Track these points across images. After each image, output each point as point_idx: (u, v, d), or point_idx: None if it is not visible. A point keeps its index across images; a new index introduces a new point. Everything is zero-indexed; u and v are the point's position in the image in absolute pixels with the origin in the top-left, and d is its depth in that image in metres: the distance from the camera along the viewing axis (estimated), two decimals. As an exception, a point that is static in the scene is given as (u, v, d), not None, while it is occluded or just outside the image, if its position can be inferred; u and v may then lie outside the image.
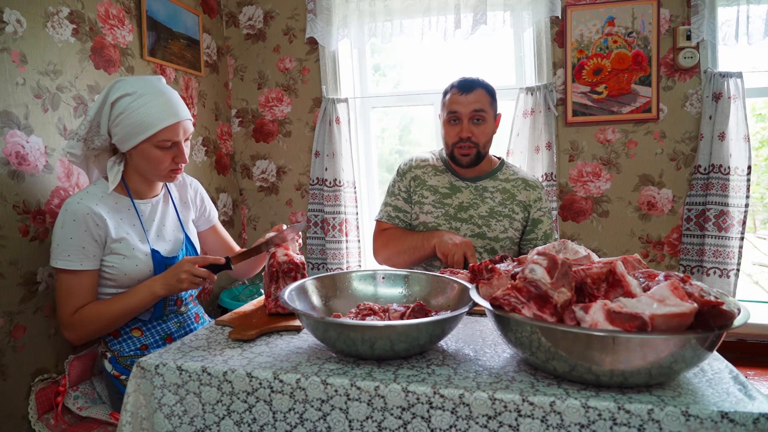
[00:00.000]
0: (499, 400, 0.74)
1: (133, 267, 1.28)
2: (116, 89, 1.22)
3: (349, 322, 0.86)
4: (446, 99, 1.61)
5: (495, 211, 1.60)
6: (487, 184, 1.64)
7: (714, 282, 2.12)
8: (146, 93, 1.21)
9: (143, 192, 1.36)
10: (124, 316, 1.26)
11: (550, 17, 2.22)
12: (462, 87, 1.58)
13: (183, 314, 1.40)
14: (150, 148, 1.24)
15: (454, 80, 1.63)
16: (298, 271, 1.21)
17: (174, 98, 1.26)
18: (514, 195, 1.63)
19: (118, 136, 1.24)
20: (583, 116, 2.25)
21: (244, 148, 2.64)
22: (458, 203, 1.61)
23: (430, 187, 1.64)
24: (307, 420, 0.83)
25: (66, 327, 1.24)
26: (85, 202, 1.23)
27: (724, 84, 2.06)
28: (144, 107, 1.20)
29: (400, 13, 2.28)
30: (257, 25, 2.55)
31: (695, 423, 0.67)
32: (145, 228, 1.34)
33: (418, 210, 1.64)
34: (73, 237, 1.20)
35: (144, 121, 1.20)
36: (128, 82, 1.23)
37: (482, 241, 1.59)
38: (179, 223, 1.45)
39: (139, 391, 0.92)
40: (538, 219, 1.63)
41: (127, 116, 1.20)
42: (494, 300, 0.80)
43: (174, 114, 1.24)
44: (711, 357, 0.86)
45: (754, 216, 3.63)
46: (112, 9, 1.78)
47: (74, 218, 1.21)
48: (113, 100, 1.21)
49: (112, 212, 1.27)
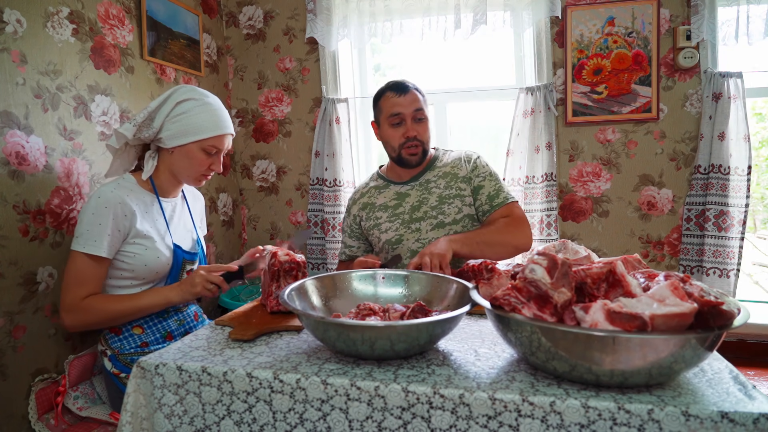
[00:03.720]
0: (499, 400, 0.74)
1: (155, 259, 1.32)
2: (183, 92, 1.34)
3: (349, 322, 0.85)
4: (383, 103, 1.62)
5: (444, 196, 1.60)
6: (429, 176, 1.65)
7: (714, 282, 2.12)
8: (208, 103, 1.35)
9: (167, 191, 1.43)
10: (131, 315, 1.29)
11: (550, 17, 2.22)
12: (398, 89, 1.60)
13: (183, 312, 1.43)
14: (196, 150, 1.35)
15: (385, 85, 1.66)
16: (299, 270, 1.22)
17: (227, 115, 1.41)
18: (456, 174, 1.63)
19: (170, 132, 1.32)
20: (583, 116, 2.25)
21: (244, 148, 2.64)
22: (409, 207, 1.62)
23: (380, 207, 1.67)
24: (307, 420, 0.83)
25: (68, 311, 1.25)
26: (118, 192, 1.29)
27: (724, 84, 2.06)
28: (204, 114, 1.33)
29: (400, 13, 2.28)
30: (257, 25, 2.55)
31: (695, 423, 0.67)
32: (168, 224, 1.40)
33: (377, 233, 1.65)
34: (102, 223, 1.25)
35: (201, 124, 1.33)
36: (194, 90, 1.37)
37: (443, 229, 1.58)
38: (193, 225, 1.53)
39: (139, 391, 0.92)
40: (478, 185, 1.61)
41: (187, 117, 1.32)
42: (494, 300, 0.80)
43: (226, 126, 1.38)
44: (711, 357, 0.86)
45: (754, 216, 3.63)
46: (112, 9, 1.78)
47: (106, 205, 1.25)
48: (180, 100, 1.32)
49: (140, 205, 1.34)
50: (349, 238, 1.77)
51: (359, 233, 1.74)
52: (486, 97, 2.47)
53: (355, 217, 1.73)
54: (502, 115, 2.49)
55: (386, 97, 1.61)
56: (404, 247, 1.60)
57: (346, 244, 1.78)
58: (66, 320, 1.26)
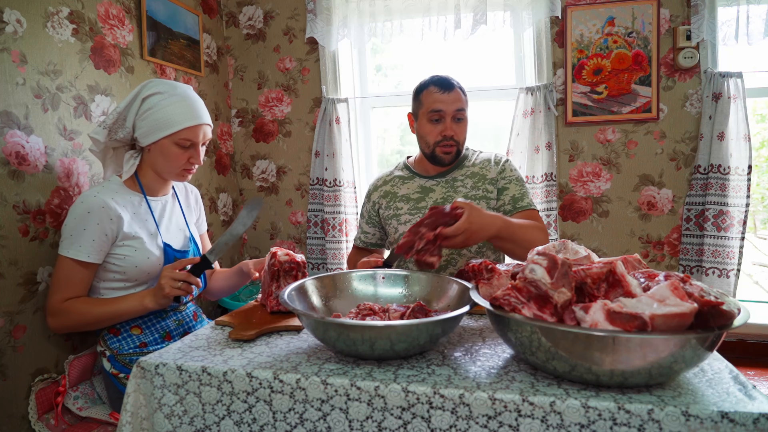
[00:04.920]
0: (499, 400, 0.74)
1: (145, 259, 1.31)
2: (149, 87, 1.30)
3: (349, 322, 0.85)
4: (425, 97, 1.57)
5: (470, 197, 1.57)
6: (456, 174, 1.62)
7: (713, 282, 2.12)
8: (176, 94, 1.31)
9: (155, 189, 1.41)
10: (110, 320, 1.28)
11: (550, 17, 2.22)
12: (442, 86, 1.54)
13: (181, 312, 1.42)
14: (169, 145, 1.31)
15: (429, 78, 1.59)
16: (299, 270, 1.22)
17: (199, 104, 1.35)
18: (484, 175, 1.60)
19: (142, 130, 1.30)
20: (583, 116, 2.25)
21: (244, 148, 2.64)
22: (432, 202, 1.59)
23: (402, 197, 1.63)
24: (307, 420, 0.83)
25: (51, 313, 1.27)
26: (101, 196, 1.27)
27: (724, 84, 2.06)
28: (171, 106, 1.29)
29: (400, 13, 2.28)
30: (257, 25, 2.55)
31: (695, 423, 0.67)
32: (158, 223, 1.38)
33: (395, 223, 1.62)
34: (87, 228, 1.24)
35: (169, 118, 1.29)
36: (162, 82, 1.32)
37: None
38: (185, 223, 1.50)
39: (139, 391, 0.92)
40: (503, 187, 1.59)
41: (154, 112, 1.28)
42: (494, 300, 0.81)
43: (197, 117, 1.32)
44: (711, 357, 0.86)
45: (754, 216, 3.63)
46: (112, 9, 1.78)
47: (89, 210, 1.24)
48: (145, 95, 1.29)
49: (128, 206, 1.32)
50: (366, 224, 1.73)
51: (376, 220, 1.71)
52: (486, 97, 2.46)
53: (374, 204, 1.70)
54: (502, 115, 2.50)
55: (429, 92, 1.55)
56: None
57: (362, 230, 1.75)
58: (50, 322, 1.28)
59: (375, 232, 1.73)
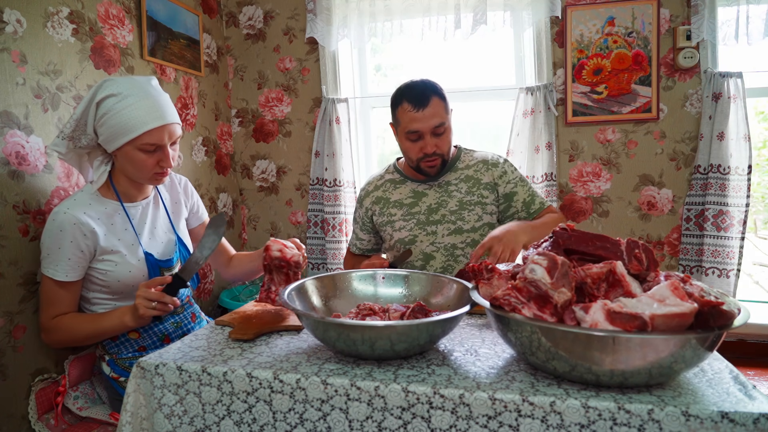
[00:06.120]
0: (499, 400, 0.74)
1: (126, 273, 1.27)
2: (103, 89, 1.18)
3: (349, 322, 0.86)
4: (400, 115, 1.49)
5: (464, 202, 1.55)
6: (449, 177, 1.59)
7: (713, 282, 2.11)
8: (132, 94, 1.17)
9: (132, 195, 1.33)
10: (95, 337, 1.26)
11: (550, 17, 2.22)
12: (416, 102, 1.44)
13: (179, 314, 1.40)
14: (133, 151, 1.20)
15: (403, 89, 1.50)
16: (289, 268, 1.20)
17: (161, 101, 1.22)
18: (478, 179, 1.57)
19: (103, 137, 1.21)
20: (583, 116, 2.25)
21: (244, 148, 2.64)
22: (426, 207, 1.57)
23: (395, 203, 1.60)
24: (307, 420, 0.82)
25: (43, 330, 1.27)
26: (71, 212, 1.20)
27: (724, 84, 2.06)
28: (128, 109, 1.16)
29: (400, 13, 2.28)
30: (257, 25, 2.55)
31: (695, 423, 0.67)
32: (137, 232, 1.31)
33: (390, 230, 1.60)
34: (61, 247, 1.19)
35: (127, 123, 1.16)
36: (115, 82, 1.19)
37: (461, 236, 1.54)
38: (170, 225, 1.42)
39: (139, 391, 0.92)
40: (510, 192, 1.56)
41: (111, 117, 1.17)
42: (494, 300, 0.80)
43: (159, 117, 1.19)
44: (711, 357, 0.86)
45: (754, 216, 3.62)
46: (112, 9, 1.78)
47: (61, 229, 1.19)
48: (99, 99, 1.17)
49: (102, 218, 1.25)
50: (360, 231, 1.71)
51: (371, 227, 1.68)
52: (486, 97, 2.47)
53: (367, 210, 1.67)
54: (502, 115, 2.49)
55: (404, 110, 1.47)
56: (417, 249, 1.56)
57: (357, 236, 1.73)
58: (43, 338, 1.29)
59: (370, 238, 1.72)
